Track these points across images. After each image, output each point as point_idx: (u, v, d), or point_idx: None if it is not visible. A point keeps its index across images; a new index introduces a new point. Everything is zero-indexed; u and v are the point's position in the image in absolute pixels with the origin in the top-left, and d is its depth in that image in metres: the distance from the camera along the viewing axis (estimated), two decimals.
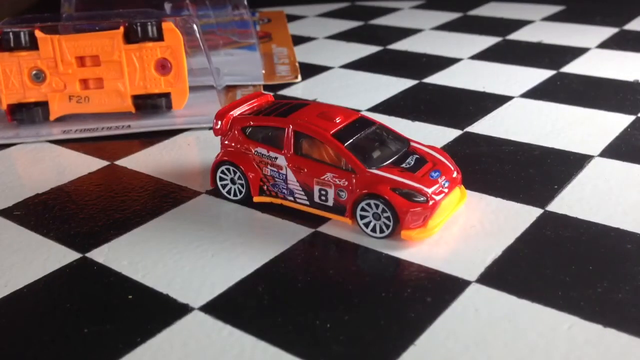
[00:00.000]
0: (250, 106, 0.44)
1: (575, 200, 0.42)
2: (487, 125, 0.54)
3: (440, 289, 0.34)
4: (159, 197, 0.44)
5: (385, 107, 0.59)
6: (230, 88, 0.64)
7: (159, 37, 0.55)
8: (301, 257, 0.37)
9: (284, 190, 0.41)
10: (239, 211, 0.42)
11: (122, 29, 0.54)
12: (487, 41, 0.78)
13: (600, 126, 0.53)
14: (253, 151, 0.42)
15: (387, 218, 0.37)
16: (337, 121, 0.41)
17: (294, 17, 0.93)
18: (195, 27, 0.57)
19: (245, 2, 0.75)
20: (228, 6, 0.75)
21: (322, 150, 0.39)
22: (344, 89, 0.64)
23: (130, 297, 0.34)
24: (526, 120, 0.55)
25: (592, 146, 0.49)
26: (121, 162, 0.50)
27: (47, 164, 0.50)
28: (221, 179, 0.43)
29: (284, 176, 0.41)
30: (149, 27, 0.54)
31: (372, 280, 0.35)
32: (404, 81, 0.65)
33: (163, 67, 0.55)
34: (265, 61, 0.72)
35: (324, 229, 0.40)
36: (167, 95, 0.56)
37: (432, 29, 0.85)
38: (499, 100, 0.59)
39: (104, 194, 0.45)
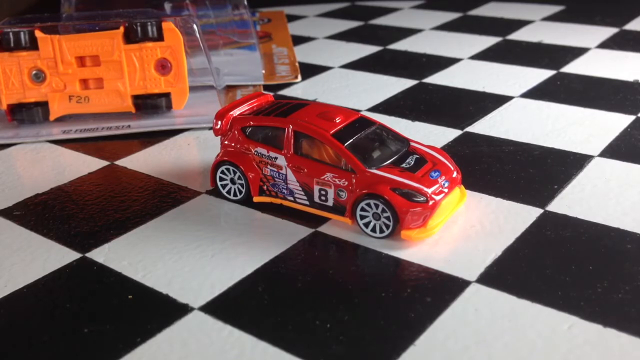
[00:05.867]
0: (250, 106, 0.44)
1: (575, 200, 0.42)
2: (487, 125, 0.54)
3: (440, 289, 0.34)
4: (159, 197, 0.44)
5: (385, 107, 0.59)
6: (230, 88, 0.64)
7: (159, 37, 0.55)
8: (301, 257, 0.37)
9: (283, 190, 0.41)
10: (239, 211, 0.42)
11: (122, 29, 0.54)
12: (487, 41, 0.78)
13: (600, 126, 0.53)
14: (253, 151, 0.42)
15: (387, 218, 0.37)
16: (337, 121, 0.41)
17: (294, 17, 0.93)
18: (195, 27, 0.57)
19: (245, 2, 0.75)
20: (228, 6, 0.75)
21: (322, 150, 0.39)
22: (344, 89, 0.64)
23: (130, 297, 0.34)
24: (526, 120, 0.55)
25: (592, 146, 0.49)
26: (121, 162, 0.50)
27: (47, 164, 0.50)
28: (221, 179, 0.43)
29: (284, 176, 0.41)
30: (149, 27, 0.54)
31: (372, 280, 0.35)
32: (404, 81, 0.65)
33: (163, 67, 0.55)
34: (265, 61, 0.72)
35: (324, 229, 0.40)
36: (167, 95, 0.56)
37: (432, 29, 0.85)
38: (499, 100, 0.60)
39: (104, 194, 0.45)
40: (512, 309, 0.32)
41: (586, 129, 0.52)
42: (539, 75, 0.65)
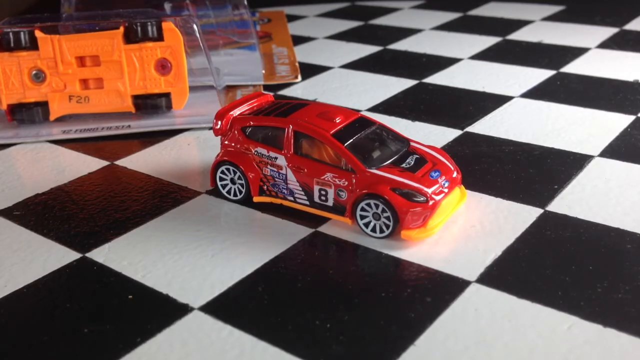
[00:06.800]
0: (250, 106, 0.44)
1: (575, 200, 0.42)
2: (487, 125, 0.54)
3: (440, 289, 0.34)
4: (159, 197, 0.44)
5: (385, 107, 0.59)
6: (230, 88, 0.64)
7: (159, 37, 0.55)
8: (301, 257, 0.37)
9: (284, 190, 0.41)
10: (239, 211, 0.42)
11: (122, 29, 0.54)
12: (487, 41, 0.78)
13: (600, 126, 0.53)
14: (253, 151, 0.42)
15: (387, 218, 0.37)
16: (337, 121, 0.41)
17: (294, 17, 0.93)
18: (195, 27, 0.57)
19: (245, 2, 0.75)
20: (228, 6, 0.75)
21: (322, 150, 0.39)
22: (344, 89, 0.64)
23: (130, 297, 0.34)
24: (526, 120, 0.55)
25: (592, 146, 0.49)
26: (121, 162, 0.50)
27: (47, 164, 0.50)
28: (221, 179, 0.43)
29: (284, 176, 0.41)
30: (149, 27, 0.54)
31: (372, 280, 0.35)
32: (404, 81, 0.65)
33: (163, 67, 0.55)
34: (265, 61, 0.72)
35: (324, 229, 0.40)
36: (167, 95, 0.56)
37: (432, 29, 0.85)
38: (499, 100, 0.60)
39: (104, 194, 0.45)
40: (512, 309, 0.32)
41: (586, 129, 0.52)
42: (539, 75, 0.65)
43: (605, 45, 0.74)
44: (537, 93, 0.61)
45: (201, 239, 0.39)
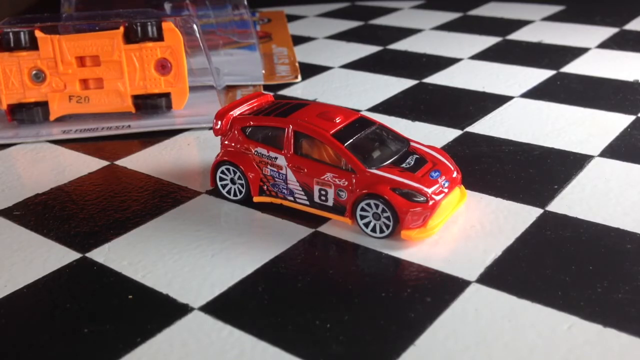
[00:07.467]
0: (250, 106, 0.44)
1: (575, 200, 0.42)
2: (487, 125, 0.54)
3: (440, 289, 0.34)
4: (159, 197, 0.44)
5: (385, 107, 0.59)
6: (230, 88, 0.64)
7: (159, 37, 0.55)
8: (301, 257, 0.37)
9: (284, 190, 0.41)
10: (239, 211, 0.42)
11: (122, 29, 0.54)
12: (487, 41, 0.78)
13: (600, 126, 0.53)
14: (253, 151, 0.42)
15: (387, 218, 0.37)
16: (337, 121, 0.41)
17: (294, 17, 0.93)
18: (195, 27, 0.57)
19: (245, 2, 0.75)
20: (228, 6, 0.75)
21: (322, 150, 0.39)
22: (344, 89, 0.64)
23: (130, 297, 0.34)
24: (526, 120, 0.55)
25: (592, 146, 0.49)
26: (121, 162, 0.50)
27: (47, 164, 0.50)
28: (221, 179, 0.43)
29: (284, 176, 0.41)
30: (149, 27, 0.54)
31: (372, 280, 0.35)
32: (404, 81, 0.65)
33: (163, 67, 0.55)
34: (265, 61, 0.72)
35: (324, 229, 0.40)
36: (167, 95, 0.56)
37: (432, 29, 0.85)
38: (499, 100, 0.60)
39: (104, 194, 0.45)
40: (512, 309, 0.32)
41: (586, 129, 0.53)
42: (539, 75, 0.65)
43: (605, 45, 0.74)
44: (537, 93, 0.61)
45: (201, 239, 0.39)
